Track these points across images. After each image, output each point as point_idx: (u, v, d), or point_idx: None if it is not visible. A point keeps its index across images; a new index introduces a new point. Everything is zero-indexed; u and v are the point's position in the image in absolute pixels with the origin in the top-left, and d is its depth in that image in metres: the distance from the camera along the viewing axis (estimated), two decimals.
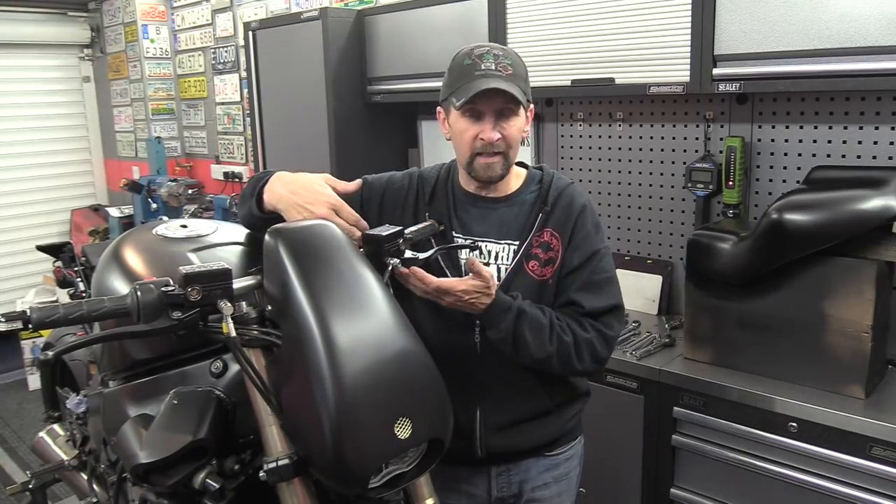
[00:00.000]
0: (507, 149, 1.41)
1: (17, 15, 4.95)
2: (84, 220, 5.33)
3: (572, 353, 1.40)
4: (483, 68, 1.37)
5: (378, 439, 1.04)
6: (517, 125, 1.41)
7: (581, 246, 1.45)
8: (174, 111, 4.99)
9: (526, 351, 1.38)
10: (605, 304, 1.44)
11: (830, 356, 1.83)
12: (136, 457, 1.12)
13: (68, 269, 2.14)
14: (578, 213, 1.47)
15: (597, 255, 1.46)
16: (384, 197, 1.54)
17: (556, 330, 1.39)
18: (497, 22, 2.57)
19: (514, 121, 1.40)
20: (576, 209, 1.47)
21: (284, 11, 3.88)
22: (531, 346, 1.37)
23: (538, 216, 1.46)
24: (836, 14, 1.83)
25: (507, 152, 1.41)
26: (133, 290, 1.03)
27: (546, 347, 1.38)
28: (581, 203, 1.48)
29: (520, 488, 1.54)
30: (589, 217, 1.48)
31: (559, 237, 1.45)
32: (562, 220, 1.46)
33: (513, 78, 1.38)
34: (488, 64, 1.37)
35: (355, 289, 1.12)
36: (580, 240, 1.46)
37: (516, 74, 1.39)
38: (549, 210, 1.46)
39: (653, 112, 2.53)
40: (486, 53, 1.39)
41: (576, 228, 1.46)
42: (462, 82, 1.38)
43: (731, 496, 1.98)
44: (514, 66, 1.39)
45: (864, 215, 1.75)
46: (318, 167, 3.14)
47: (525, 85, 1.41)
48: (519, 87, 1.37)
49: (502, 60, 1.38)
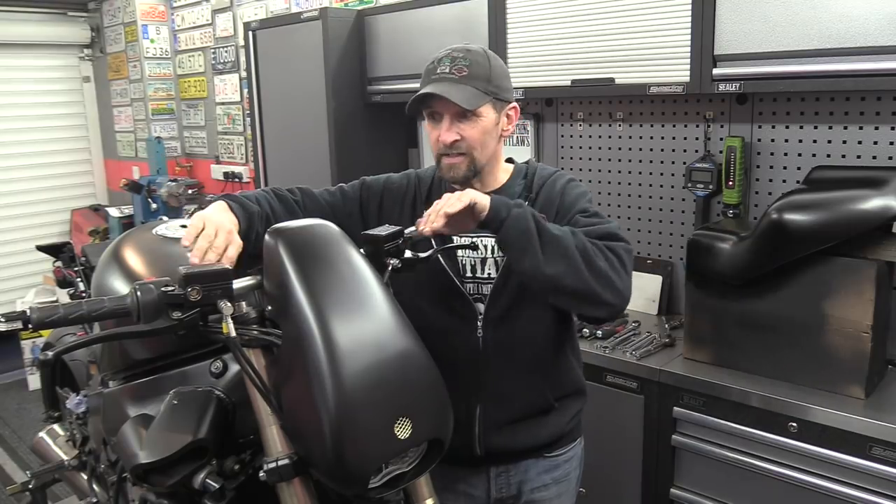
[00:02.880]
0: (470, 150, 1.41)
1: (17, 15, 4.95)
2: (84, 220, 5.33)
3: (589, 248, 1.29)
4: (438, 72, 1.39)
5: (378, 439, 1.04)
6: (481, 125, 1.39)
7: (567, 208, 1.43)
8: (174, 111, 4.99)
9: (547, 230, 1.27)
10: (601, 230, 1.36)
11: (830, 356, 1.83)
12: (136, 457, 1.12)
13: (68, 269, 2.15)
14: (563, 186, 1.47)
15: (586, 211, 1.42)
16: (383, 197, 1.55)
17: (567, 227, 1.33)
18: (497, 22, 2.57)
19: (477, 121, 1.39)
20: (560, 184, 1.47)
21: (284, 11, 3.88)
22: (551, 228, 1.28)
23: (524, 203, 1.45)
24: (836, 14, 1.83)
25: (470, 153, 1.41)
26: (133, 290, 1.03)
27: (567, 234, 1.28)
28: (565, 179, 1.49)
29: (519, 489, 1.54)
30: (574, 187, 1.47)
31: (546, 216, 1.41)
32: (547, 201, 1.45)
33: (466, 79, 1.37)
34: (443, 67, 1.39)
35: (355, 289, 1.12)
36: (567, 203, 1.44)
37: (472, 75, 1.37)
38: (534, 198, 1.46)
39: (653, 112, 2.53)
40: (444, 57, 1.40)
41: (563, 197, 1.45)
42: (421, 87, 1.41)
43: (731, 496, 1.98)
44: (471, 67, 1.38)
45: (864, 215, 1.75)
46: (318, 167, 3.15)
47: (487, 85, 1.39)
48: (477, 87, 1.37)
49: (459, 63, 1.38)
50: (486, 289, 1.46)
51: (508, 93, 1.45)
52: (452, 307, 1.46)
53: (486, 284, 1.47)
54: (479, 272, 1.47)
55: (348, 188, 1.56)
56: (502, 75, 1.44)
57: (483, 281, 1.47)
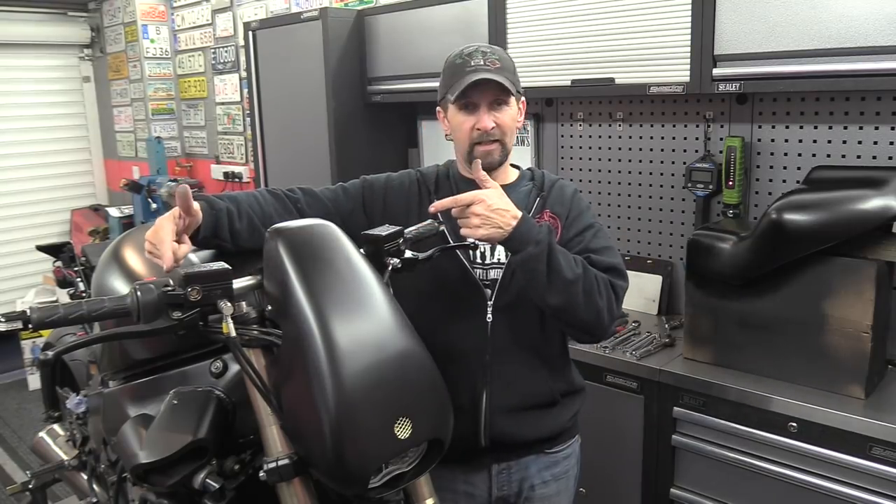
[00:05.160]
0: (503, 136, 1.49)
1: (17, 15, 4.95)
2: (84, 220, 5.33)
3: (595, 284, 1.39)
4: (473, 64, 1.46)
5: (378, 439, 1.04)
6: (510, 114, 1.49)
7: (576, 221, 1.53)
8: (174, 111, 4.99)
9: (558, 269, 1.35)
10: (608, 262, 1.47)
11: (830, 356, 1.83)
12: (136, 457, 1.12)
13: (68, 269, 2.15)
14: (572, 196, 1.57)
15: (592, 227, 1.53)
16: (387, 195, 1.56)
17: (578, 258, 1.42)
18: (497, 22, 2.57)
19: (507, 110, 1.49)
20: (568, 193, 1.58)
21: (284, 11, 3.88)
22: (563, 265, 1.36)
23: (536, 199, 1.54)
24: (836, 14, 1.83)
25: (502, 139, 1.50)
26: (133, 290, 1.03)
27: (574, 269, 1.38)
28: (572, 189, 1.60)
29: (520, 486, 1.55)
30: (581, 200, 1.59)
31: (557, 217, 1.53)
32: (558, 203, 1.55)
33: (501, 71, 1.46)
34: (478, 60, 1.47)
35: (355, 289, 1.12)
36: (575, 216, 1.54)
37: (504, 68, 1.48)
38: (545, 195, 1.55)
39: (653, 112, 2.53)
40: (475, 52, 1.48)
41: (571, 208, 1.55)
42: (455, 79, 1.46)
43: (731, 496, 1.98)
44: (501, 61, 1.48)
45: (864, 215, 1.75)
46: (318, 167, 3.15)
47: (514, 77, 1.50)
48: (508, 78, 1.46)
49: (490, 56, 1.48)
50: (496, 273, 1.50)
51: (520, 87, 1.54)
52: (462, 292, 1.49)
53: (495, 269, 1.50)
54: (488, 258, 1.51)
55: (349, 187, 1.57)
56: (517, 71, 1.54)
57: (493, 266, 1.50)
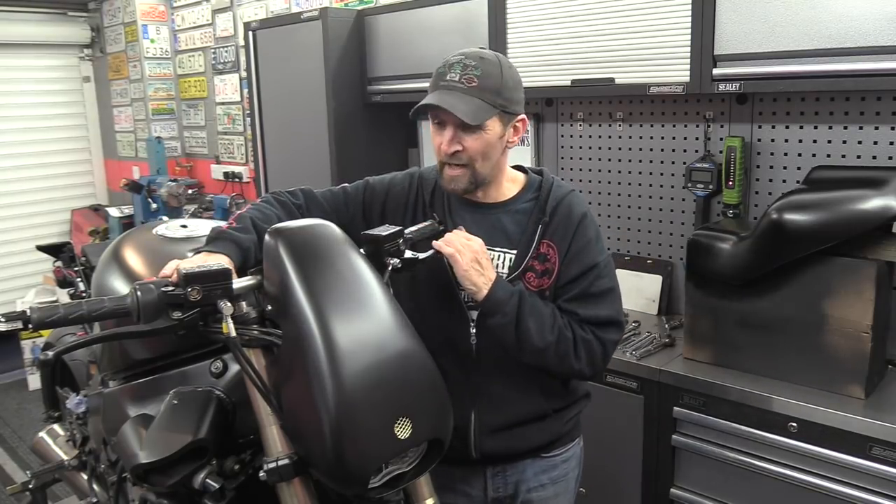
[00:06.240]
0: (472, 161, 1.37)
1: (17, 15, 4.94)
2: (84, 220, 5.33)
3: (570, 349, 1.37)
4: (447, 79, 1.34)
5: (378, 439, 1.04)
6: (483, 139, 1.35)
7: (579, 257, 1.42)
8: (174, 111, 4.99)
9: (527, 338, 1.34)
10: (604, 314, 1.41)
11: (830, 356, 1.83)
12: (136, 457, 1.12)
13: (68, 269, 2.15)
14: (578, 223, 1.43)
15: (595, 267, 1.42)
16: (387, 198, 1.53)
17: (557, 321, 1.38)
18: (497, 22, 2.57)
19: (479, 135, 1.34)
20: (575, 219, 1.43)
21: (284, 11, 3.88)
22: (532, 333, 1.34)
23: (537, 227, 1.43)
24: (836, 14, 1.83)
25: (471, 165, 1.37)
26: (133, 290, 1.03)
27: (546, 336, 1.35)
28: (580, 212, 1.44)
29: (516, 489, 1.54)
30: (589, 226, 1.44)
31: (556, 248, 1.42)
32: (560, 231, 1.42)
33: (475, 90, 1.32)
34: (453, 75, 1.33)
35: (355, 289, 1.12)
36: (578, 250, 1.42)
37: (482, 87, 1.32)
38: (547, 221, 1.43)
39: (653, 112, 2.53)
40: (456, 63, 1.34)
41: (574, 238, 1.42)
42: (429, 90, 1.37)
43: (731, 496, 1.98)
44: (481, 78, 1.32)
45: (864, 215, 1.75)
46: (318, 167, 3.15)
47: (493, 96, 1.33)
48: (482, 99, 1.32)
49: (470, 72, 1.32)
50: None
51: (518, 105, 1.40)
52: (447, 312, 1.45)
53: None
54: None
55: (351, 189, 1.55)
56: (514, 87, 1.38)
57: None
